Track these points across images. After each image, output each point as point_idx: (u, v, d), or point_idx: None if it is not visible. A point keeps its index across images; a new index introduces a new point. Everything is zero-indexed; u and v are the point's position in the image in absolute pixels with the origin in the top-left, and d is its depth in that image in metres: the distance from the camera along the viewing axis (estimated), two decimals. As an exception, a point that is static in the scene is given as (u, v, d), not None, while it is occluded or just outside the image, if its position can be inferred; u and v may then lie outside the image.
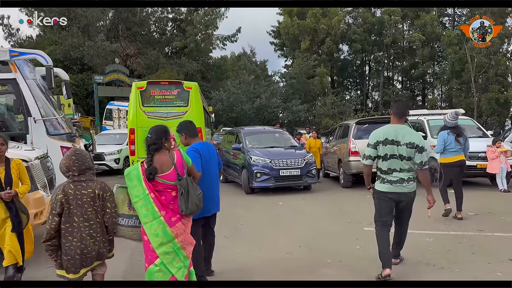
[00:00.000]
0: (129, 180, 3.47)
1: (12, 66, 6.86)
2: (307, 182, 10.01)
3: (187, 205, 3.42)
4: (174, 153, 3.57)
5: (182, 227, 3.48)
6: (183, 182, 3.43)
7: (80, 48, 27.76)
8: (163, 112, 11.10)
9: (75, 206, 3.35)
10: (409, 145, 4.20)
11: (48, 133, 6.97)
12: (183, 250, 3.48)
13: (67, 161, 3.42)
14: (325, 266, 4.76)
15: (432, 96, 42.62)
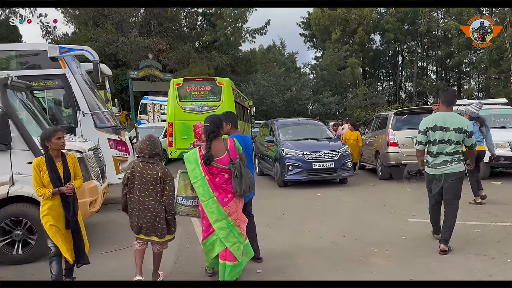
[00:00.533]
0: (189, 163, 3.94)
1: (61, 62, 7.15)
2: (341, 175, 9.66)
3: (241, 186, 3.85)
4: (228, 140, 4.00)
5: (234, 206, 3.90)
6: (236, 165, 3.87)
7: (114, 44, 28.45)
8: (198, 107, 12.04)
9: (139, 182, 3.92)
10: (457, 130, 4.63)
11: (96, 126, 7.25)
12: (237, 227, 3.90)
13: (142, 145, 4.01)
14: (372, 255, 4.78)
15: (468, 86, 41.24)
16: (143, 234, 3.96)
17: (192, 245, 5.36)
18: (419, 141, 4.86)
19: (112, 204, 8.03)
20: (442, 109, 4.87)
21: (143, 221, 3.89)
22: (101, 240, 5.67)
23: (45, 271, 4.48)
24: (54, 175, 3.79)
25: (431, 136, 4.72)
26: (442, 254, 4.62)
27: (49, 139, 3.80)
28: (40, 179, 3.78)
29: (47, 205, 3.82)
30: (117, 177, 7.42)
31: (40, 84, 7.17)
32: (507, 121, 10.83)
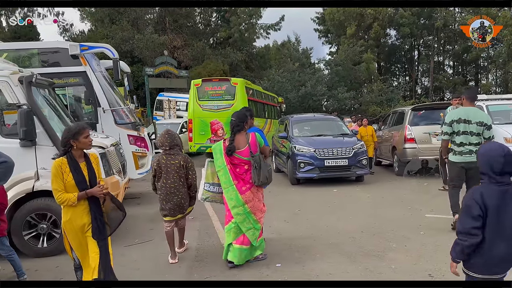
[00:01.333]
0: (215, 153, 4.44)
1: (82, 60, 7.30)
2: (356, 173, 9.32)
3: (259, 177, 4.27)
4: (250, 134, 4.40)
5: (251, 196, 4.32)
6: (256, 158, 4.29)
7: (130, 41, 28.74)
8: (214, 105, 13.03)
9: (165, 171, 4.49)
10: (478, 123, 5.21)
11: (116, 122, 7.40)
12: (253, 215, 4.33)
13: (162, 138, 4.56)
14: (391, 250, 4.79)
15: (486, 81, 40.48)
16: (170, 216, 4.60)
17: (211, 239, 5.46)
18: (445, 132, 5.43)
19: (132, 199, 8.21)
20: (466, 104, 5.46)
21: (171, 204, 4.54)
22: (123, 234, 5.80)
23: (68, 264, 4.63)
24: (79, 177, 3.37)
25: (455, 128, 5.28)
26: None
27: (75, 138, 3.38)
28: (63, 182, 3.34)
29: (69, 213, 3.39)
30: (136, 172, 7.56)
31: (62, 81, 7.34)
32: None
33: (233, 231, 4.33)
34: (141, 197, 8.49)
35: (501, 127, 9.87)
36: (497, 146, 2.54)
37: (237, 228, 4.32)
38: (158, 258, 4.79)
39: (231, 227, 4.34)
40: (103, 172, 5.05)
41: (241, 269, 4.36)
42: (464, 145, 5.21)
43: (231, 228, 4.34)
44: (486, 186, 2.49)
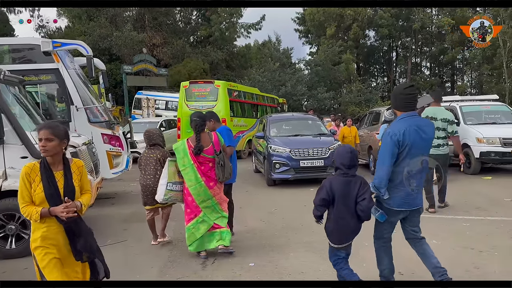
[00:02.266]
0: (178, 153, 4.63)
1: (54, 57, 7.14)
2: (332, 174, 9.23)
3: (223, 174, 4.61)
4: (212, 134, 4.70)
5: (217, 190, 4.65)
6: (220, 156, 4.60)
7: (108, 39, 28.28)
8: (199, 105, 13.99)
9: (145, 164, 5.07)
10: (443, 120, 6.24)
11: (89, 120, 7.26)
12: (220, 205, 4.68)
13: (144, 137, 5.23)
14: (363, 248, 4.84)
15: (461, 82, 41.50)
16: (149, 205, 5.03)
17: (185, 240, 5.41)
18: None
19: (106, 199, 8.09)
20: (432, 104, 6.42)
21: (148, 193, 4.96)
22: (95, 234, 5.68)
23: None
24: (51, 189, 2.76)
25: None
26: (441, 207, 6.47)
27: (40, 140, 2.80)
28: (29, 193, 2.75)
29: (39, 232, 2.80)
30: (110, 172, 7.45)
31: (33, 79, 7.17)
32: (497, 117, 10.98)
33: (204, 224, 4.61)
34: (116, 197, 8.37)
35: (474, 128, 10.16)
36: (346, 147, 3.64)
37: (207, 219, 4.61)
38: (131, 259, 4.74)
39: (198, 221, 4.60)
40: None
41: (214, 269, 4.35)
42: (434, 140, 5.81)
43: (200, 221, 4.60)
44: (336, 177, 3.44)
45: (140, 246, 5.16)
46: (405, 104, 3.35)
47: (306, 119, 11.46)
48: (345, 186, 3.34)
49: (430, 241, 4.93)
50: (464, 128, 10.34)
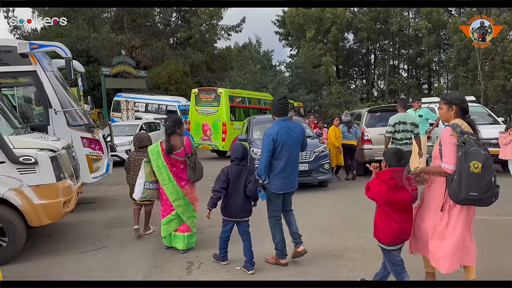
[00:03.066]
0: (152, 154, 4.94)
1: (32, 59, 6.93)
2: (317, 178, 8.75)
3: (195, 175, 4.91)
4: (184, 138, 4.99)
5: (189, 189, 4.95)
6: (191, 158, 4.89)
7: (86, 40, 27.80)
8: (205, 110, 15.96)
9: (133, 165, 5.58)
10: (411, 123, 7.63)
11: (68, 124, 7.08)
12: (191, 205, 4.98)
13: (134, 139, 5.83)
14: (348, 250, 4.88)
15: (438, 84, 42.44)
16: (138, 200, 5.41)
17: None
18: (390, 131, 7.60)
19: (87, 204, 7.91)
20: (400, 110, 7.78)
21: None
22: (76, 240, 5.57)
23: (14, 274, 4.39)
24: None
25: (397, 128, 7.58)
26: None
27: None
28: None
29: None
30: (90, 176, 7.28)
31: (10, 81, 6.95)
32: (474, 118, 11.19)
33: (175, 221, 4.93)
34: (96, 202, 8.20)
35: (451, 128, 10.36)
36: (238, 144, 4.65)
37: (179, 218, 4.92)
38: (114, 265, 4.63)
39: (170, 219, 4.93)
40: (54, 177, 4.84)
41: (199, 273, 4.29)
42: (402, 139, 7.58)
43: (171, 219, 4.93)
44: (232, 166, 4.42)
45: (123, 252, 5.06)
46: (279, 111, 4.40)
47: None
48: (238, 172, 4.39)
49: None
50: (441, 129, 10.55)
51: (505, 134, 9.59)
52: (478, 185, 3.07)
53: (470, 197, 3.10)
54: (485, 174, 3.06)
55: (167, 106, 24.06)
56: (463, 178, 3.09)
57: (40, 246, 5.36)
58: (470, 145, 3.12)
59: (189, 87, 30.71)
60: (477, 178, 3.06)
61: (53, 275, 4.34)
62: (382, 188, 3.31)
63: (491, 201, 3.17)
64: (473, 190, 3.07)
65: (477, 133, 3.33)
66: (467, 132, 3.20)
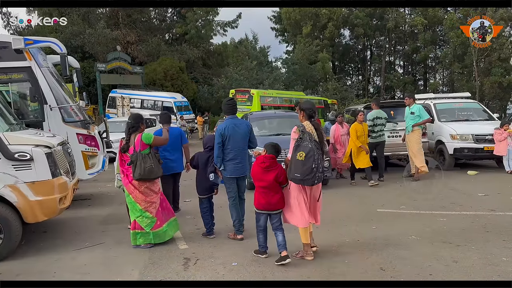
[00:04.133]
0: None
1: (27, 54, 6.87)
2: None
3: (134, 173, 4.85)
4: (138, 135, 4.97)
5: (132, 188, 4.92)
6: (133, 155, 4.88)
7: (80, 36, 27.65)
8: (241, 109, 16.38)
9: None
10: (384, 118, 9.12)
11: (64, 120, 7.05)
12: (138, 204, 4.93)
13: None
14: (344, 245, 4.90)
15: (434, 80, 42.52)
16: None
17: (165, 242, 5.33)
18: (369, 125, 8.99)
19: (82, 200, 7.88)
20: (375, 108, 9.27)
21: None
22: (72, 237, 5.55)
23: (11, 270, 4.38)
24: None
25: (375, 122, 9.02)
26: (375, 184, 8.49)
27: None
28: None
29: None
30: (86, 172, 7.26)
31: (4, 77, 6.89)
32: (470, 114, 11.30)
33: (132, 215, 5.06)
34: (92, 198, 8.17)
35: (447, 124, 10.41)
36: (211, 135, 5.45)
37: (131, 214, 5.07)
38: (110, 262, 4.62)
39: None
40: (50, 173, 4.81)
41: (196, 269, 4.29)
42: (378, 132, 9.04)
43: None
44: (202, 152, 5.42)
45: (119, 248, 5.05)
46: (228, 110, 5.35)
47: (289, 117, 10.66)
48: (206, 158, 5.32)
49: (409, 236, 5.07)
50: (438, 125, 10.59)
51: (500, 130, 9.62)
52: (301, 169, 4.13)
53: (295, 177, 4.18)
54: (306, 162, 4.12)
55: (163, 102, 24.01)
56: (292, 164, 4.23)
57: (36, 242, 5.34)
58: (304, 140, 4.22)
59: (185, 83, 30.66)
60: (300, 164, 4.13)
61: (49, 272, 4.33)
62: (256, 170, 4.49)
63: (313, 182, 4.21)
64: (297, 172, 4.15)
65: (320, 132, 4.45)
66: (307, 132, 4.29)
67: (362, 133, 8.71)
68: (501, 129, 9.62)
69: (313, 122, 4.47)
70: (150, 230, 4.96)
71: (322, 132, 4.54)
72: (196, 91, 31.57)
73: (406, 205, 6.78)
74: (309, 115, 4.50)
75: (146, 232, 4.96)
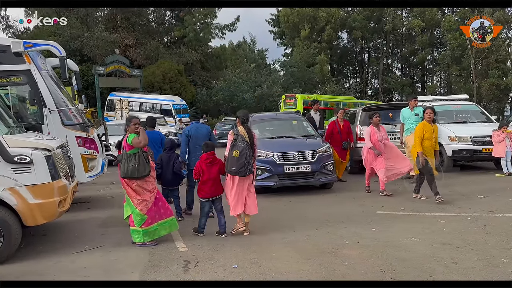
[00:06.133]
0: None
1: (26, 58, 6.87)
2: (320, 180, 8.17)
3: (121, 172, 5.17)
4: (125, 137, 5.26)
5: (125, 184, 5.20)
6: (119, 156, 5.35)
7: (79, 39, 27.67)
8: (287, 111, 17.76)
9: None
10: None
11: (63, 123, 7.04)
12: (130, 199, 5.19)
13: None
14: (344, 247, 4.90)
15: (431, 82, 42.66)
16: None
17: (166, 243, 5.33)
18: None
19: (82, 203, 7.87)
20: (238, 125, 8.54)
21: None
22: (72, 240, 5.54)
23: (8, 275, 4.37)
24: None
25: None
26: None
27: None
28: None
29: None
30: (85, 175, 7.25)
31: (3, 81, 6.89)
32: (468, 116, 11.34)
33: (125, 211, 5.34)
34: (91, 202, 8.16)
35: (446, 127, 10.43)
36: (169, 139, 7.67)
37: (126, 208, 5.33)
38: (110, 265, 4.61)
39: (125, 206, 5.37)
40: (50, 176, 4.81)
41: (196, 272, 4.29)
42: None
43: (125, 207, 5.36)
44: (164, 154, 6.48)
45: (119, 251, 5.04)
46: (192, 117, 7.19)
47: (290, 119, 10.33)
48: (168, 158, 6.40)
49: (408, 238, 5.08)
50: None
51: (498, 132, 9.66)
52: (235, 163, 5.26)
53: (231, 170, 5.34)
54: (240, 158, 5.24)
55: (161, 105, 24.01)
56: (228, 159, 5.38)
57: (35, 245, 5.33)
58: (238, 141, 5.35)
59: (183, 86, 30.68)
60: (235, 160, 5.26)
61: (49, 274, 4.32)
62: (202, 166, 5.49)
63: (245, 174, 5.33)
64: (233, 166, 5.29)
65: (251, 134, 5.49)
66: (240, 134, 5.40)
67: (431, 135, 7.07)
68: (499, 131, 9.66)
69: (245, 126, 5.52)
70: (140, 227, 5.15)
71: (254, 135, 5.60)
72: (194, 94, 31.60)
73: (405, 207, 6.80)
74: (242, 121, 5.59)
75: (136, 229, 5.18)
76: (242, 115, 5.70)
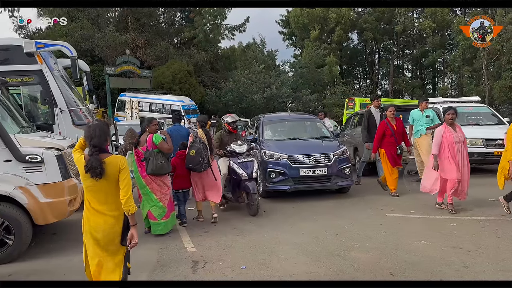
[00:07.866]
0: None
1: (38, 58, 6.97)
2: (337, 184, 7.82)
3: (146, 168, 5.56)
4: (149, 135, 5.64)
5: (150, 180, 5.65)
6: (146, 153, 5.61)
7: (90, 40, 27.85)
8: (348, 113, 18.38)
9: None
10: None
11: (74, 123, 7.12)
12: (153, 194, 5.65)
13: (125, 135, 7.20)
14: (353, 249, 4.87)
15: (442, 84, 42.23)
16: None
17: (175, 242, 5.35)
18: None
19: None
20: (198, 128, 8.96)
21: None
22: (81, 239, 5.54)
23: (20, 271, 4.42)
24: None
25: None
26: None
27: None
28: None
29: None
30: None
31: (16, 80, 6.98)
32: (480, 119, 11.19)
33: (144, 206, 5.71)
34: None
35: (457, 129, 10.30)
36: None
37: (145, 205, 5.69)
38: (119, 264, 4.63)
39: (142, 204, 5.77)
40: (60, 175, 4.86)
41: (205, 272, 4.30)
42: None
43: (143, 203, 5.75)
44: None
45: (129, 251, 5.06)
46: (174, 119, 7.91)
47: (304, 120, 10.03)
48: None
49: (419, 241, 5.03)
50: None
51: (510, 134, 9.50)
52: (193, 161, 6.07)
53: (189, 167, 6.18)
54: (196, 157, 6.03)
55: (171, 105, 24.10)
56: (188, 158, 6.14)
57: (45, 244, 5.39)
58: (196, 142, 6.12)
59: (193, 86, 30.76)
60: (192, 158, 6.06)
61: (58, 273, 4.36)
62: (177, 161, 6.26)
63: (201, 170, 6.12)
64: (191, 164, 6.11)
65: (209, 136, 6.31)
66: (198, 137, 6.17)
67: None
68: (511, 134, 9.50)
69: (204, 129, 6.37)
70: (161, 220, 5.63)
71: (211, 136, 6.52)
72: (203, 94, 31.66)
73: (416, 210, 6.73)
74: (201, 125, 6.53)
75: (158, 222, 5.63)
76: (200, 119, 6.76)
